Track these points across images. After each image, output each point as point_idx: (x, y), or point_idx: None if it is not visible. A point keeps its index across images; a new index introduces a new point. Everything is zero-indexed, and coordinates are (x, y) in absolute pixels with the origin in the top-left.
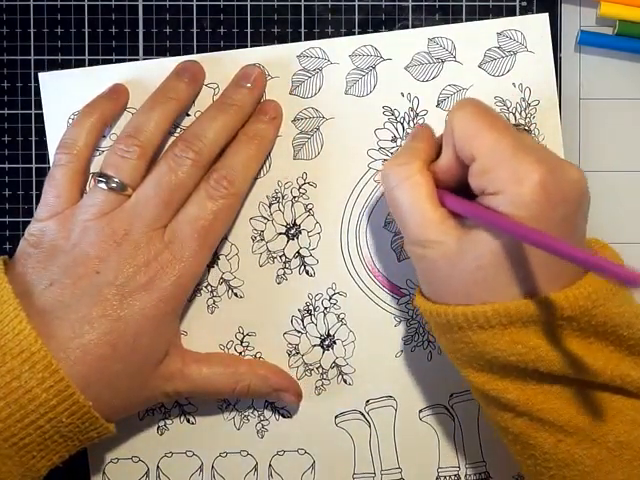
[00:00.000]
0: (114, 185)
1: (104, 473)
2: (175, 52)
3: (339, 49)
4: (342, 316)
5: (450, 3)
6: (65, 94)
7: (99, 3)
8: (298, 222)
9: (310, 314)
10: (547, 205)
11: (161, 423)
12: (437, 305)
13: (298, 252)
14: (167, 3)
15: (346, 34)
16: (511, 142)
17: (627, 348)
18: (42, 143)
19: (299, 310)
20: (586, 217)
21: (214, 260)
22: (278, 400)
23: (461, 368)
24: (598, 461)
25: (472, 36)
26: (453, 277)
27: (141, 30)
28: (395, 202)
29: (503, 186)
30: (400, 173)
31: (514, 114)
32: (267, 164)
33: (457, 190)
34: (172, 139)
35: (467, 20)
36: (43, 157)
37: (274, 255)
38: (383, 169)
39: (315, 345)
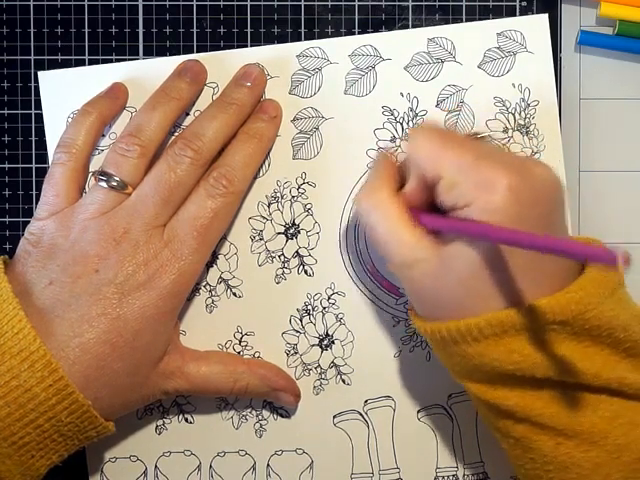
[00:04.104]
0: (114, 184)
1: (102, 472)
2: (175, 52)
3: (339, 49)
4: (341, 316)
5: (450, 3)
6: (64, 93)
7: (99, 3)
8: (297, 222)
9: (309, 314)
10: (520, 207)
11: (159, 422)
12: (431, 323)
13: (297, 252)
14: (167, 3)
15: (346, 34)
16: (473, 153)
17: (624, 351)
18: (42, 143)
19: (298, 310)
20: (564, 213)
21: (213, 259)
22: (276, 400)
23: (460, 380)
24: (596, 464)
25: (472, 36)
26: (440, 293)
27: (141, 30)
28: (371, 230)
29: (473, 197)
30: (370, 202)
31: (513, 114)
32: (266, 164)
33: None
34: (172, 139)
35: (467, 20)
36: (43, 157)
37: (273, 255)
38: (355, 202)
39: (314, 345)
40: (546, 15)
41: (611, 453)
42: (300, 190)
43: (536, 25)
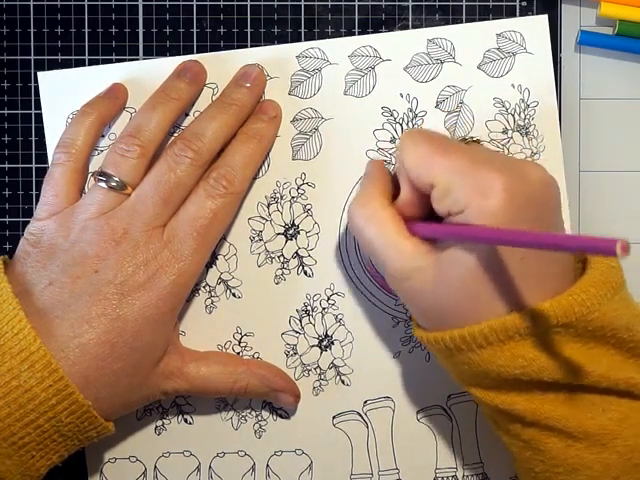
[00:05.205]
0: (114, 184)
1: (101, 473)
2: (175, 52)
3: (338, 49)
4: (340, 317)
5: (450, 3)
6: (64, 93)
7: (99, 3)
8: (297, 222)
9: (308, 314)
10: (515, 210)
11: (159, 423)
12: (433, 333)
13: (296, 252)
14: (167, 3)
15: (346, 34)
16: (466, 158)
17: (628, 351)
18: (42, 143)
19: (297, 310)
20: (560, 215)
21: (212, 260)
22: (276, 401)
23: (466, 387)
24: (606, 465)
25: (471, 37)
26: (441, 302)
27: (141, 30)
28: (366, 242)
29: (468, 202)
30: (364, 213)
31: (513, 115)
32: (266, 164)
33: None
34: (172, 139)
35: (467, 20)
36: (43, 157)
37: (272, 255)
38: (348, 213)
39: (313, 346)
40: (546, 16)
41: (622, 455)
42: (300, 191)
43: (536, 26)
